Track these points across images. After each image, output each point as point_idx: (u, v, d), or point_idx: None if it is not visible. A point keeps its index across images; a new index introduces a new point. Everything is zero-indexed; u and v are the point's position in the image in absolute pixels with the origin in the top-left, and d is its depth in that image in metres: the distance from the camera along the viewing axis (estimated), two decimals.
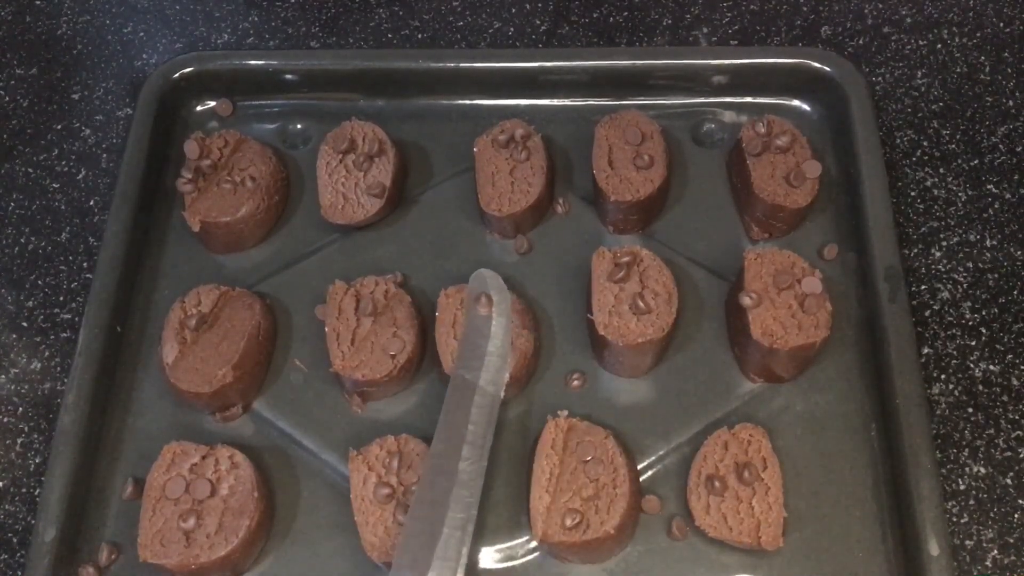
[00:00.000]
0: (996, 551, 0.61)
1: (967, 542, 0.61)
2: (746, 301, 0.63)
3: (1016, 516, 0.62)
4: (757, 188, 0.68)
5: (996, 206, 0.72)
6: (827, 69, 0.74)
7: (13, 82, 0.81)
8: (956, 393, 0.65)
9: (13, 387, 0.68)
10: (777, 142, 0.69)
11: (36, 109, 0.79)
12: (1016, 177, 0.73)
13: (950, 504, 0.62)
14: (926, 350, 0.67)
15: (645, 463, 0.63)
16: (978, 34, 0.80)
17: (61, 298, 0.71)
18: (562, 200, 0.72)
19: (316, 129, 0.76)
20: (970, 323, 0.68)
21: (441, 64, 0.76)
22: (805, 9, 0.82)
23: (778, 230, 0.70)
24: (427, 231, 0.72)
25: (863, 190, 0.69)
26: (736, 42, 0.80)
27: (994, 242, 0.71)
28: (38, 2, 0.85)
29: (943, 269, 0.70)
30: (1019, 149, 0.75)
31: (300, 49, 0.81)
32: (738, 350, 0.65)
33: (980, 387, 0.66)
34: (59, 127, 0.78)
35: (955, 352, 0.67)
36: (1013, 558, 0.60)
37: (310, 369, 0.67)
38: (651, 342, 0.62)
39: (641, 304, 0.62)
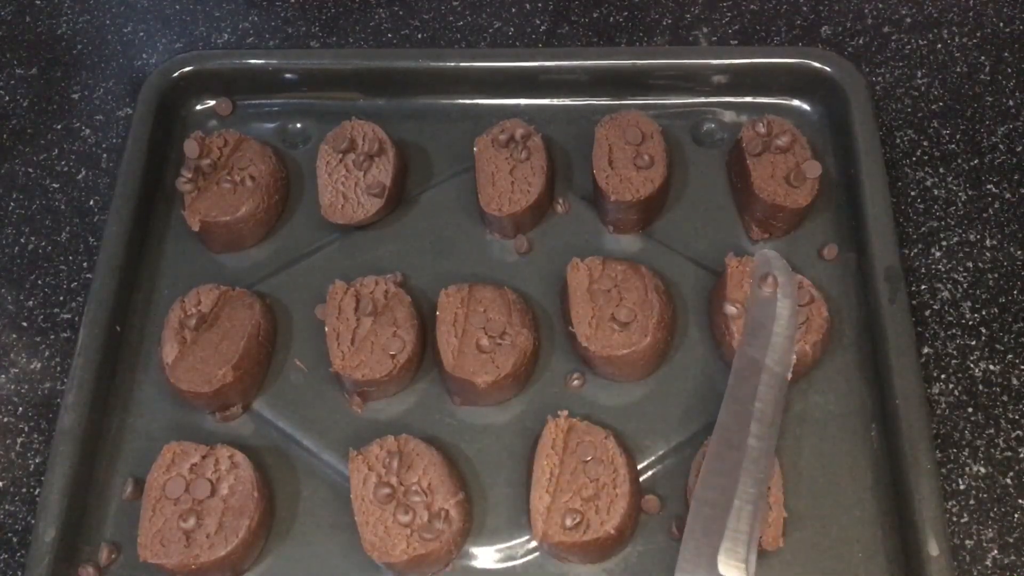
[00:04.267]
0: (996, 551, 0.61)
1: (967, 542, 0.61)
2: (731, 311, 0.63)
3: (1016, 516, 0.62)
4: (757, 188, 0.68)
5: (996, 206, 0.72)
6: (827, 69, 0.74)
7: (13, 82, 0.81)
8: (956, 393, 0.65)
9: (13, 387, 0.68)
10: (777, 142, 0.69)
11: (36, 109, 0.79)
12: (1016, 177, 0.74)
13: (950, 504, 0.62)
14: (926, 350, 0.67)
15: (645, 463, 0.63)
16: (978, 34, 0.80)
17: (61, 298, 0.71)
18: (562, 200, 0.72)
19: (316, 129, 0.76)
20: (970, 323, 0.68)
21: (441, 64, 0.76)
22: (805, 9, 0.82)
23: (778, 230, 0.70)
24: (427, 231, 0.72)
25: (863, 190, 0.69)
26: (736, 42, 0.80)
27: (994, 242, 0.71)
28: (38, 2, 0.85)
29: (943, 269, 0.70)
30: (1019, 149, 0.75)
31: (300, 49, 0.81)
32: (726, 353, 0.65)
33: (980, 387, 0.66)
34: (59, 127, 0.78)
35: (955, 352, 0.67)
36: (1013, 558, 0.60)
37: (310, 369, 0.67)
38: (635, 352, 0.63)
39: (620, 317, 0.63)
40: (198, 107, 0.78)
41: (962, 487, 0.62)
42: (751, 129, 0.70)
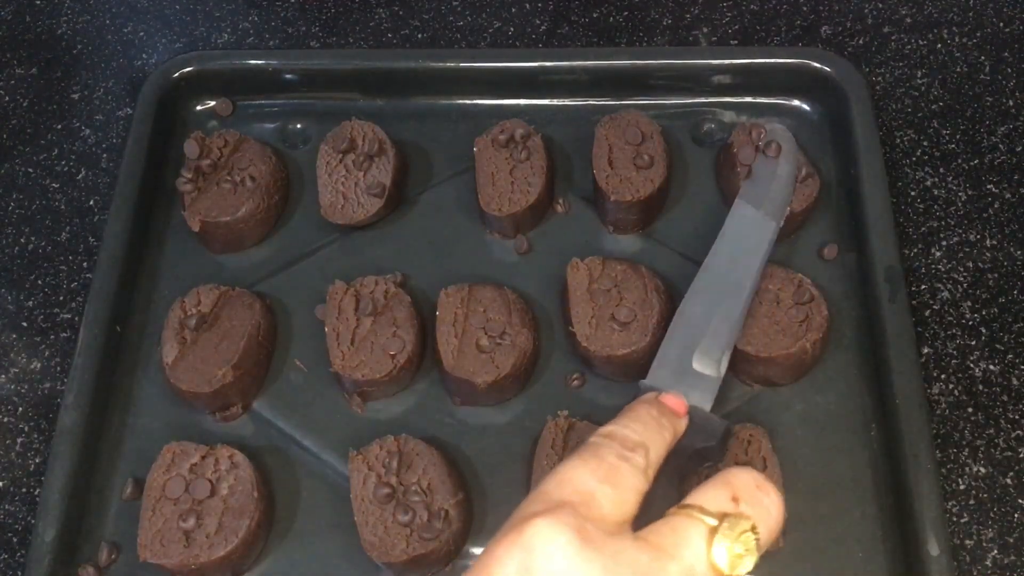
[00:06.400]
0: (996, 551, 0.61)
1: (967, 542, 0.61)
2: None
3: (1016, 516, 0.62)
4: None
5: (996, 206, 0.72)
6: (827, 69, 0.74)
7: (13, 82, 0.81)
8: (956, 393, 0.65)
9: (13, 387, 0.68)
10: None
11: (36, 109, 0.79)
12: (1016, 177, 0.73)
13: (950, 504, 0.62)
14: (926, 350, 0.67)
15: None
16: (978, 34, 0.80)
17: (61, 298, 0.71)
18: (562, 200, 0.72)
19: (316, 129, 0.76)
20: (970, 323, 0.68)
21: (441, 64, 0.76)
22: (805, 9, 0.82)
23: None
24: (427, 231, 0.72)
25: (863, 190, 0.69)
26: (736, 42, 0.80)
27: (994, 242, 0.71)
28: (38, 2, 0.85)
29: (943, 269, 0.70)
30: (1019, 149, 0.75)
31: (300, 49, 0.81)
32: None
33: (980, 387, 0.66)
34: (59, 127, 0.78)
35: (955, 352, 0.67)
36: (1013, 558, 0.60)
37: (310, 369, 0.67)
38: (635, 352, 0.63)
39: (620, 317, 0.63)
40: (198, 107, 0.78)
41: (962, 487, 0.62)
42: (744, 134, 0.70)
